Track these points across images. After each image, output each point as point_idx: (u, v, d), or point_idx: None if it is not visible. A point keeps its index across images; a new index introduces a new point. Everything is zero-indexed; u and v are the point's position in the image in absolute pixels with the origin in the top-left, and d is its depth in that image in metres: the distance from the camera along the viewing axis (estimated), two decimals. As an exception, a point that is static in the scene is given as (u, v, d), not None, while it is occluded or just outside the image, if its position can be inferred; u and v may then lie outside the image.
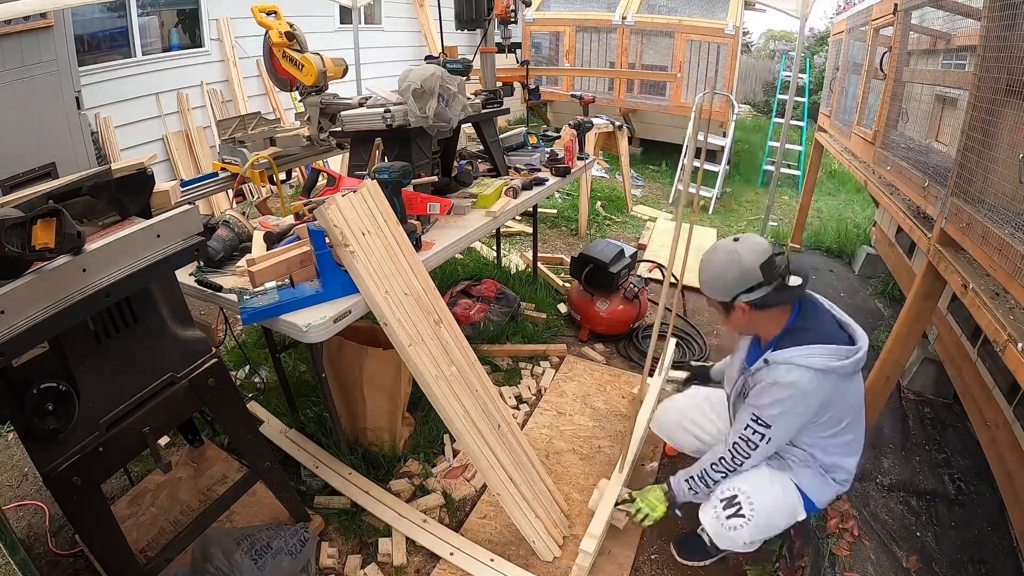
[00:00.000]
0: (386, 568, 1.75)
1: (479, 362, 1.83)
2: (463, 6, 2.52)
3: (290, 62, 2.30)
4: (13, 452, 2.25)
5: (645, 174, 6.63)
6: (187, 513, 1.79)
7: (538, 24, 7.26)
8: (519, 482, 1.77)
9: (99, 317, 1.19)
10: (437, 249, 1.92)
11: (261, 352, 2.70)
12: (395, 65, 6.45)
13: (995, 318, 1.44)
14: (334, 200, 1.54)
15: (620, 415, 2.47)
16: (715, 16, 6.29)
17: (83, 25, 4.04)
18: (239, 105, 5.06)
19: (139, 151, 4.16)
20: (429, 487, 2.03)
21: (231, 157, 2.38)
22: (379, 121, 1.98)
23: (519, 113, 7.77)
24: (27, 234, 0.96)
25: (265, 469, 1.62)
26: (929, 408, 2.53)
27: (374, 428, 2.10)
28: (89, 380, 1.19)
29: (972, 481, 2.12)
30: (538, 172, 2.71)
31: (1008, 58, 1.48)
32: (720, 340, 3.15)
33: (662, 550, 1.87)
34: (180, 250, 1.24)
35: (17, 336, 0.99)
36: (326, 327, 1.52)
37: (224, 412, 1.49)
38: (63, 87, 3.48)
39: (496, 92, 2.66)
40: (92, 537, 1.31)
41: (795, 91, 4.19)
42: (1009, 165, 1.52)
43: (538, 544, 1.76)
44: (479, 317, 2.89)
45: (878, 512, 1.98)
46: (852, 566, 1.79)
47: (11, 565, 1.20)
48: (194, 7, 4.82)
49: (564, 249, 4.33)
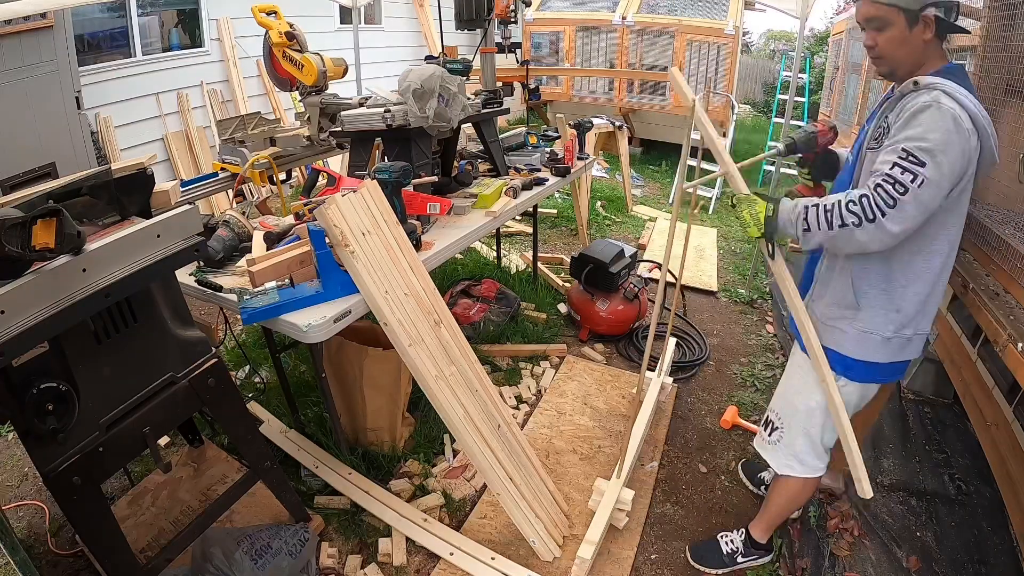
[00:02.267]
0: (386, 568, 1.75)
1: (479, 362, 1.83)
2: (463, 6, 2.52)
3: (290, 62, 2.30)
4: (13, 452, 2.25)
5: (645, 174, 6.63)
6: (187, 513, 1.79)
7: (538, 24, 7.26)
8: (519, 482, 1.77)
9: (99, 317, 1.18)
10: (437, 249, 1.92)
11: (261, 352, 2.70)
12: (395, 65, 6.45)
13: (995, 318, 1.44)
14: (334, 200, 1.54)
15: (620, 415, 2.47)
16: (715, 16, 6.29)
17: (83, 25, 4.04)
18: (239, 105, 5.06)
19: (139, 151, 4.16)
20: (429, 487, 2.03)
21: (231, 157, 2.38)
22: (379, 121, 1.98)
23: (519, 113, 7.78)
24: (27, 234, 0.96)
25: (265, 469, 1.62)
26: (929, 408, 2.53)
27: (374, 428, 2.10)
28: (89, 380, 1.18)
29: (972, 481, 2.12)
30: (538, 172, 2.71)
31: (1008, 58, 1.48)
32: (720, 340, 3.15)
33: (662, 550, 1.87)
34: (180, 250, 1.24)
35: (17, 336, 0.99)
36: (326, 327, 1.52)
37: (224, 412, 1.49)
38: (63, 87, 3.48)
39: (496, 92, 2.66)
40: (92, 537, 1.31)
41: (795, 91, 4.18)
42: (1009, 165, 1.52)
43: (538, 544, 1.76)
44: (479, 317, 2.89)
45: (878, 512, 1.98)
46: (852, 566, 1.79)
47: (11, 565, 1.20)
48: (194, 7, 4.82)
49: (564, 249, 4.33)
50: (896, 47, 1.25)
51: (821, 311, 1.45)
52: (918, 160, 1.13)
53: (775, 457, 1.62)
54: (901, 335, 1.36)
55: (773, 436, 1.60)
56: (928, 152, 1.13)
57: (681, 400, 2.62)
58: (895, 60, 1.28)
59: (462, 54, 2.74)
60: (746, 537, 1.82)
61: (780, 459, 1.60)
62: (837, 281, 1.41)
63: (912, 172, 1.13)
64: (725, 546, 1.83)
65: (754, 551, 1.80)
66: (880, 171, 1.18)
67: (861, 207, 1.17)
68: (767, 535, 1.80)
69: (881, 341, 1.37)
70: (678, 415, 2.52)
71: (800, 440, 1.55)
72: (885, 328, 1.36)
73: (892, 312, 1.34)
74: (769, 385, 2.74)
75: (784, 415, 1.58)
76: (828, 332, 1.44)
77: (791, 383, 1.58)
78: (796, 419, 1.55)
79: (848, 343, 1.41)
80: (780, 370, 2.85)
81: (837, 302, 1.41)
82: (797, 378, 1.55)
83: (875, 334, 1.37)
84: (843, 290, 1.39)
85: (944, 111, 1.13)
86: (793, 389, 1.56)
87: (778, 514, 1.77)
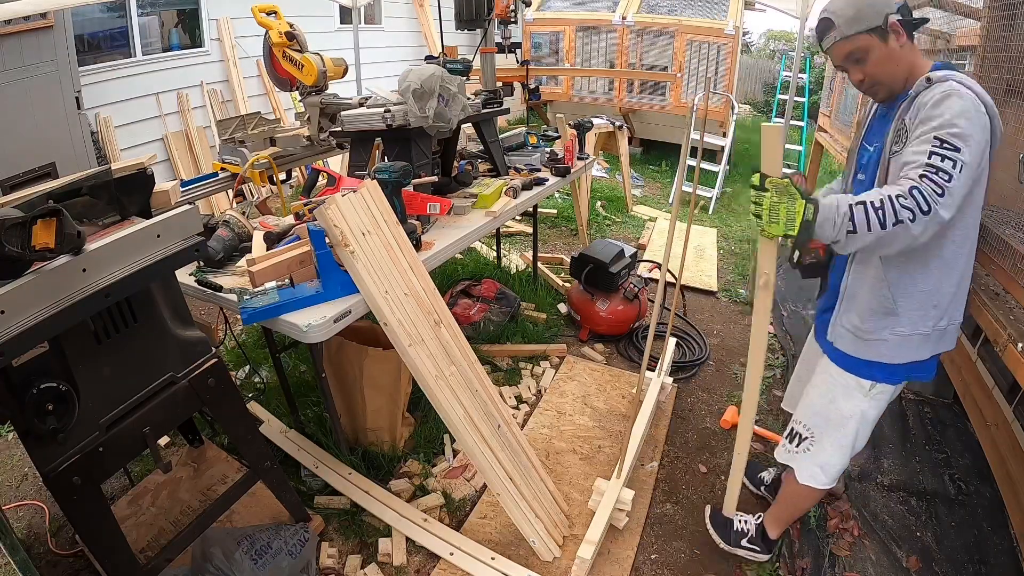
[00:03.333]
0: (386, 568, 1.75)
1: (479, 362, 1.83)
2: (463, 6, 2.52)
3: (290, 62, 2.30)
4: (13, 452, 2.25)
5: (645, 174, 6.63)
6: (187, 513, 1.79)
7: (538, 24, 7.26)
8: (519, 482, 1.77)
9: (99, 317, 1.18)
10: (437, 249, 1.92)
11: (261, 352, 2.70)
12: (395, 65, 6.45)
13: (995, 318, 1.44)
14: (334, 200, 1.54)
15: (620, 415, 2.47)
16: (715, 16, 6.29)
17: (83, 25, 4.04)
18: (239, 105, 5.06)
19: (139, 151, 4.16)
20: (429, 487, 2.03)
21: (231, 157, 2.38)
22: (379, 121, 1.98)
23: (519, 113, 7.77)
24: (27, 234, 0.96)
25: (265, 469, 1.62)
26: (929, 408, 2.53)
27: (374, 428, 2.10)
28: (89, 380, 1.18)
29: (972, 481, 2.12)
30: (538, 172, 2.71)
31: (1008, 58, 1.48)
32: (720, 340, 3.15)
33: (662, 550, 1.87)
34: (180, 250, 1.24)
35: (17, 336, 0.99)
36: (326, 327, 1.52)
37: (224, 412, 1.49)
38: (63, 87, 3.48)
39: (496, 92, 2.66)
40: (92, 537, 1.31)
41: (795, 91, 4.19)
42: (1009, 165, 1.52)
43: (538, 544, 1.76)
44: (479, 317, 2.89)
45: (878, 512, 1.98)
46: (852, 566, 1.79)
47: (11, 565, 1.20)
48: (194, 7, 4.82)
49: (564, 249, 4.33)
50: (884, 66, 1.27)
51: (855, 325, 1.42)
52: (953, 146, 1.12)
53: (802, 467, 1.59)
54: (939, 328, 1.35)
55: (801, 446, 1.58)
56: (961, 137, 1.13)
57: (681, 400, 2.62)
58: (889, 78, 1.30)
59: (462, 54, 2.74)
60: (761, 527, 1.82)
61: (806, 469, 1.59)
62: (871, 291, 1.37)
63: (951, 159, 1.12)
64: (738, 524, 1.84)
65: (760, 544, 1.81)
66: (918, 162, 1.15)
67: (914, 199, 1.11)
68: (778, 532, 1.80)
69: (921, 339, 1.36)
70: (678, 415, 2.52)
71: (830, 450, 1.54)
72: (924, 325, 1.34)
73: (931, 308, 1.33)
74: (769, 385, 2.73)
75: (813, 425, 1.56)
76: (868, 346, 1.41)
77: (819, 392, 1.55)
78: (827, 429, 1.53)
79: (891, 351, 1.39)
80: (780, 370, 2.84)
81: (874, 312, 1.37)
82: (825, 387, 1.53)
83: (916, 334, 1.35)
84: (879, 299, 1.35)
85: (965, 96, 1.15)
86: (824, 399, 1.53)
87: (791, 514, 1.78)
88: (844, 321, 1.45)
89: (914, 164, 1.15)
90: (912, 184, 1.13)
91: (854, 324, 1.42)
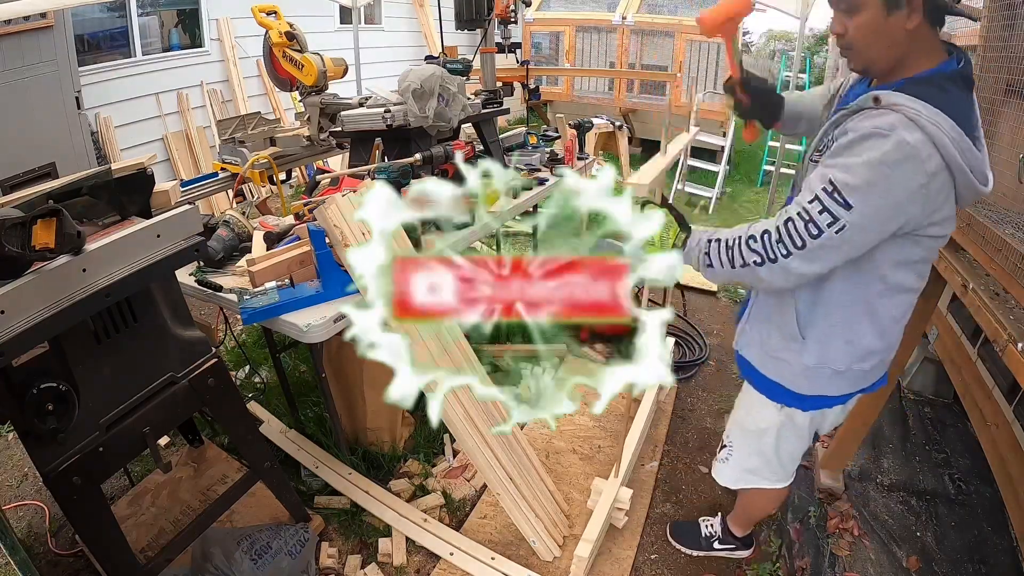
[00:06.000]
0: (386, 568, 1.75)
1: (479, 362, 1.83)
2: (463, 6, 2.52)
3: (290, 62, 2.30)
4: (13, 452, 2.25)
5: (645, 174, 6.62)
6: (187, 513, 1.79)
7: (538, 24, 7.26)
8: (519, 482, 1.77)
9: (99, 317, 1.18)
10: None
11: (261, 352, 2.70)
12: (395, 65, 6.45)
13: (995, 318, 1.44)
14: (334, 200, 1.54)
15: (620, 415, 2.46)
16: (715, 16, 6.28)
17: (83, 25, 4.04)
18: (239, 105, 5.06)
19: (139, 151, 4.16)
20: (429, 487, 2.03)
21: (231, 157, 2.38)
22: (379, 121, 1.98)
23: (519, 113, 7.77)
24: (27, 234, 0.96)
25: (265, 469, 1.62)
26: (929, 408, 2.53)
27: (374, 428, 2.10)
28: (89, 380, 1.18)
29: (972, 481, 2.12)
30: (538, 172, 2.71)
31: (1008, 58, 1.48)
32: (720, 340, 3.15)
33: (662, 550, 1.87)
34: (180, 250, 1.24)
35: (17, 336, 0.99)
36: (326, 327, 1.52)
37: (224, 412, 1.49)
38: (63, 87, 3.49)
39: (496, 92, 2.66)
40: (92, 537, 1.31)
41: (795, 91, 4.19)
42: (1009, 165, 1.52)
43: (538, 544, 1.76)
44: (479, 317, 2.89)
45: (878, 512, 1.98)
46: (852, 566, 1.79)
47: (11, 565, 1.20)
48: (194, 7, 4.82)
49: (564, 249, 4.32)
50: (870, 37, 1.00)
51: (761, 339, 1.29)
52: (843, 201, 0.95)
53: (723, 474, 1.58)
54: (858, 368, 1.19)
55: (722, 454, 1.58)
56: (857, 191, 0.94)
57: (681, 400, 2.62)
58: (870, 53, 1.03)
59: (462, 54, 2.74)
60: (723, 525, 1.82)
61: (730, 475, 1.57)
62: (777, 305, 1.23)
63: (832, 214, 0.96)
64: (705, 529, 1.84)
65: (732, 541, 1.81)
66: (800, 200, 1.01)
67: (762, 245, 1.03)
68: (743, 531, 1.81)
69: (832, 374, 1.20)
70: (678, 415, 2.52)
71: (754, 458, 1.51)
72: (837, 361, 1.18)
73: (843, 344, 1.17)
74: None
75: (732, 435, 1.54)
76: (771, 363, 1.28)
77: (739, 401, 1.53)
78: (744, 439, 1.50)
79: (795, 378, 1.25)
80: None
81: (779, 330, 1.23)
82: (743, 397, 1.49)
83: (824, 367, 1.19)
84: (786, 319, 1.21)
85: (896, 144, 0.92)
86: (741, 410, 1.51)
87: (748, 516, 1.77)
88: (751, 328, 1.32)
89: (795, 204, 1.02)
90: (767, 229, 1.04)
91: (761, 336, 1.29)
